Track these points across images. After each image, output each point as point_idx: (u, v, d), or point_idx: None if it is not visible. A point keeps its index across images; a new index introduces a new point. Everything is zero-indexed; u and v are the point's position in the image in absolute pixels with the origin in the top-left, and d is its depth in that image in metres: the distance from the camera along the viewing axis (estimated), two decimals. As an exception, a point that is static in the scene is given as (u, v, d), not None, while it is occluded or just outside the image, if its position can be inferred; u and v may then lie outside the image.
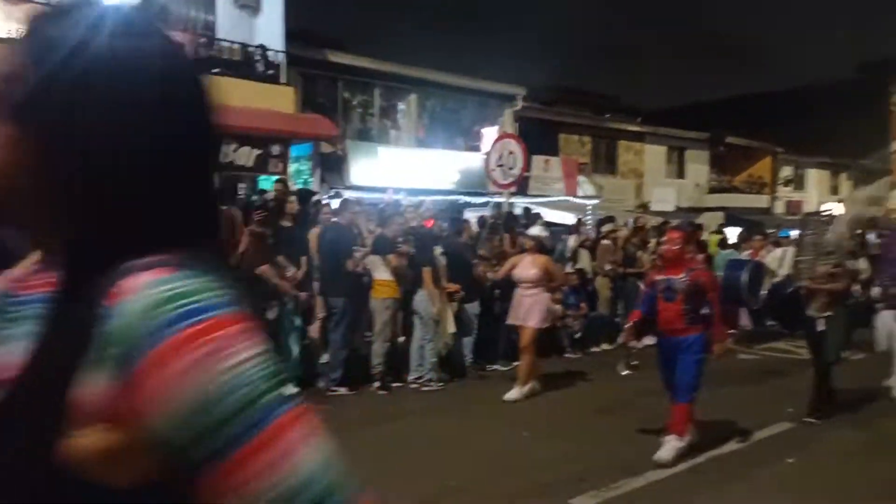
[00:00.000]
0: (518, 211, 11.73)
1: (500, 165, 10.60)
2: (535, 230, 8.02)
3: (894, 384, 6.68)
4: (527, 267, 6.81)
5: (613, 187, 20.66)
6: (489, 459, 4.87)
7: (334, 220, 7.28)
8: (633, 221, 11.88)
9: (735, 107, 32.05)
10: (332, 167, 13.28)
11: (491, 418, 6.04)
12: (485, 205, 13.36)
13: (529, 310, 6.70)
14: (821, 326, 5.94)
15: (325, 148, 13.11)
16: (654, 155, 22.77)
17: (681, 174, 23.59)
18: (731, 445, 5.28)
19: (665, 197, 20.44)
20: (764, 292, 9.52)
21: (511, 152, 10.44)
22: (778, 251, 11.07)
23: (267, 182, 10.32)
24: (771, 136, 26.36)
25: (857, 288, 8.55)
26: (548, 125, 19.22)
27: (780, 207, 26.66)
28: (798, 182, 28.76)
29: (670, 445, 4.82)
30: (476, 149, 15.79)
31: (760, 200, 25.25)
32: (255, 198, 8.61)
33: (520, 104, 17.56)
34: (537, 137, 17.27)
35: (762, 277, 9.66)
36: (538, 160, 16.62)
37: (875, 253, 10.03)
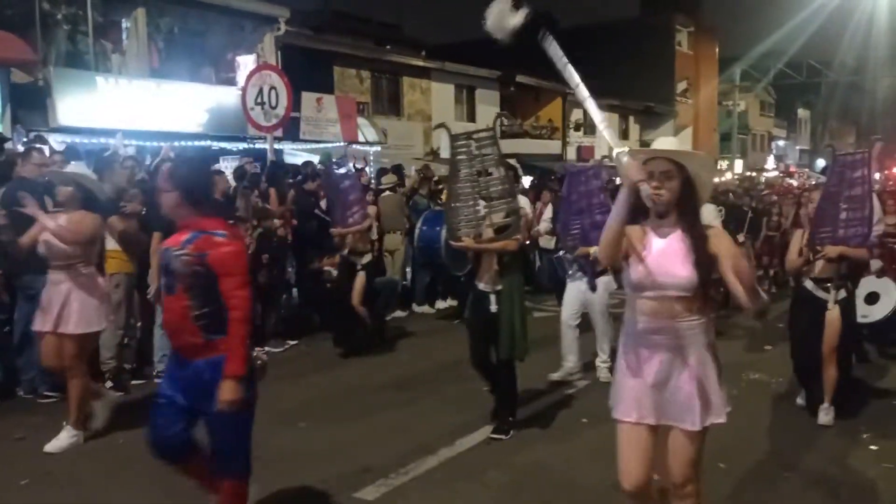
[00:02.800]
0: (292, 160, 11.32)
1: (261, 104, 10.09)
2: None
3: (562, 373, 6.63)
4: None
5: (400, 131, 20.93)
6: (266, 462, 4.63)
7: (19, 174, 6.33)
8: (415, 171, 11.97)
9: (524, 44, 34.06)
10: (29, 103, 11.72)
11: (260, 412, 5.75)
12: (244, 152, 12.72)
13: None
14: (493, 306, 5.03)
15: (19, 77, 11.50)
16: (442, 94, 23.42)
17: (472, 117, 24.50)
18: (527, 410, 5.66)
19: (447, 142, 21.09)
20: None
21: (273, 87, 9.99)
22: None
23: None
24: (560, 77, 28.46)
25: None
26: (319, 56, 18.77)
27: (571, 153, 29.15)
28: (588, 126, 31.62)
29: None
30: (231, 82, 14.93)
31: (553, 146, 27.31)
32: None
33: (283, 28, 16.87)
34: (307, 71, 16.82)
35: None
36: (309, 98, 16.24)
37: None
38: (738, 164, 37.85)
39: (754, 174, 31.68)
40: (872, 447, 4.98)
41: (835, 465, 4.69)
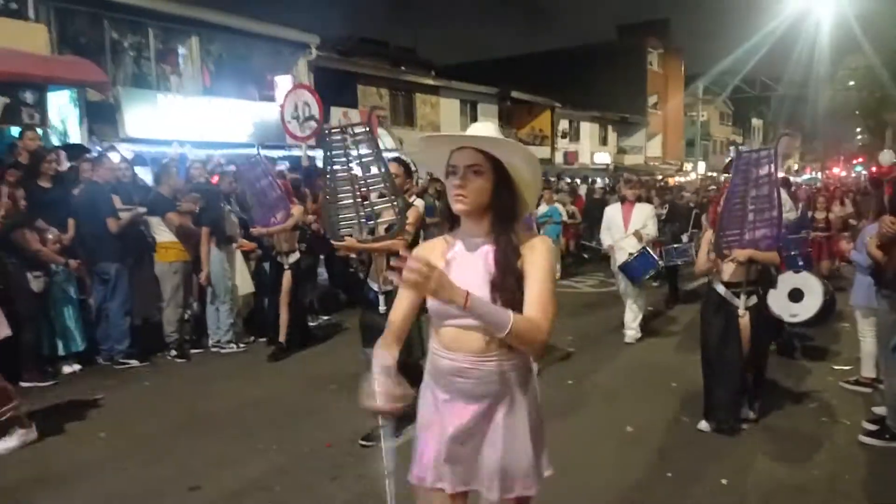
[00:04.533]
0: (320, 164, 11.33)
1: (296, 117, 10.11)
2: None
3: None
4: None
5: (414, 140, 20.90)
6: (300, 418, 4.70)
7: (92, 177, 6.38)
8: (427, 175, 11.96)
9: (519, 64, 33.86)
10: (102, 117, 11.72)
11: (297, 377, 5.83)
12: (283, 159, 12.73)
13: None
14: (382, 307, 4.09)
15: (93, 95, 11.51)
16: (449, 108, 23.41)
17: (474, 127, 24.56)
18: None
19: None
20: None
21: (306, 103, 9.99)
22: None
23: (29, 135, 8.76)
24: (550, 92, 28.35)
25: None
26: (345, 76, 18.74)
27: (559, 158, 29.09)
28: (573, 134, 31.47)
29: None
30: (270, 99, 14.92)
31: (543, 152, 27.23)
32: (4, 153, 7.26)
33: (314, 53, 16.83)
34: (335, 88, 16.80)
35: None
36: (337, 112, 16.21)
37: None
38: (702, 167, 37.60)
39: (715, 174, 31.47)
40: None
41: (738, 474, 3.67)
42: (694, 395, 4.75)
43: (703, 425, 4.37)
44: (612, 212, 7.04)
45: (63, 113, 11.07)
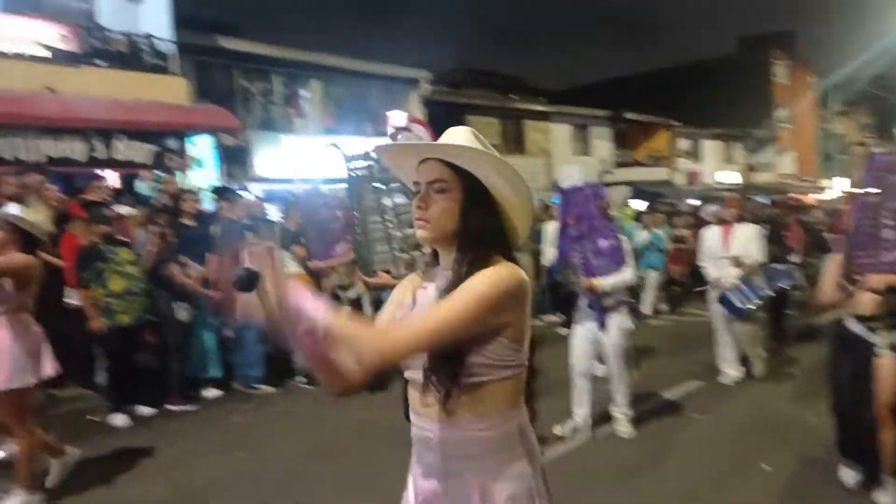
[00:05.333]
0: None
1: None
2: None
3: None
4: None
5: (524, 167, 20.97)
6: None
7: (228, 215, 6.96)
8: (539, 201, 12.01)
9: (633, 84, 33.25)
10: (235, 159, 12.78)
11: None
12: (401, 190, 13.22)
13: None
14: None
15: (228, 140, 12.59)
16: (561, 134, 23.34)
17: (587, 151, 24.33)
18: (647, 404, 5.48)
19: (571, 174, 20.90)
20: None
21: (419, 137, 10.37)
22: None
23: (174, 179, 9.76)
24: (667, 111, 27.56)
25: None
26: (455, 108, 19.27)
27: (681, 178, 28.04)
28: (695, 153, 30.29)
29: None
30: (384, 133, 15.59)
31: (661, 173, 26.42)
32: (155, 196, 8.15)
33: (425, 88, 17.48)
34: (446, 120, 17.20)
35: None
36: (448, 143, 16.68)
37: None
38: (842, 183, 34.83)
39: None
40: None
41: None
42: (827, 436, 4.22)
43: (844, 475, 3.86)
44: (709, 235, 6.18)
45: (202, 157, 12.19)
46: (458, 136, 1.52)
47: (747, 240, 5.87)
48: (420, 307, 1.54)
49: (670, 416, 5.32)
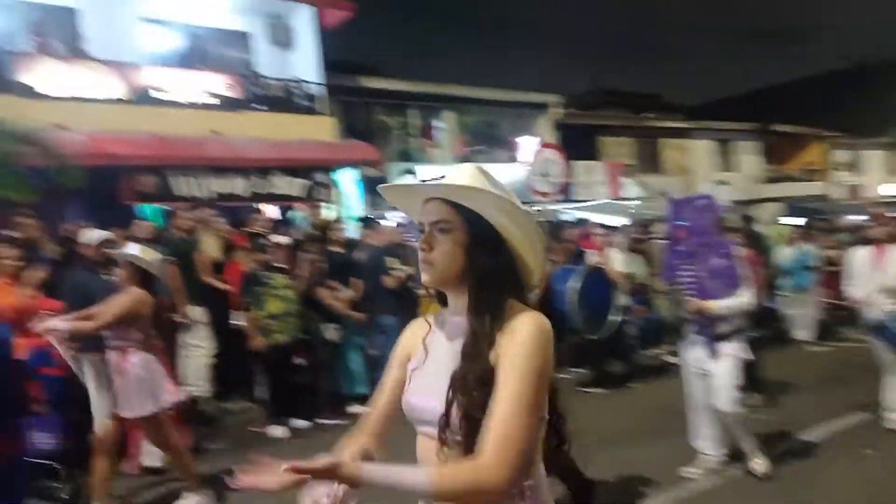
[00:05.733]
0: (565, 217, 11.70)
1: (541, 175, 10.62)
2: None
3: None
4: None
5: (660, 186, 20.39)
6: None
7: (371, 242, 7.42)
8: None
9: (782, 93, 31.18)
10: (376, 190, 13.50)
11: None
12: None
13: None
14: None
15: (370, 172, 13.40)
16: (702, 150, 22.38)
17: (732, 167, 23.10)
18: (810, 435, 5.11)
19: (716, 192, 20.02)
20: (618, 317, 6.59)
21: (552, 161, 10.46)
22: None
23: (323, 210, 10.59)
24: (822, 121, 25.54)
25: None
26: (587, 130, 19.15)
27: (839, 193, 25.76)
28: (856, 165, 27.74)
29: None
30: (517, 159, 15.85)
31: (816, 188, 24.47)
32: (305, 226, 8.89)
33: (556, 111, 17.56)
34: (578, 143, 17.25)
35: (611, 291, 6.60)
36: (580, 165, 16.60)
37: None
38: None
39: None
40: None
41: None
42: None
43: None
44: (857, 257, 5.46)
45: (347, 189, 13.06)
46: (461, 173, 1.46)
47: None
48: (434, 361, 1.46)
49: (817, 455, 4.83)
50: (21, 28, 10.58)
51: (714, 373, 4.21)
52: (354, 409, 6.76)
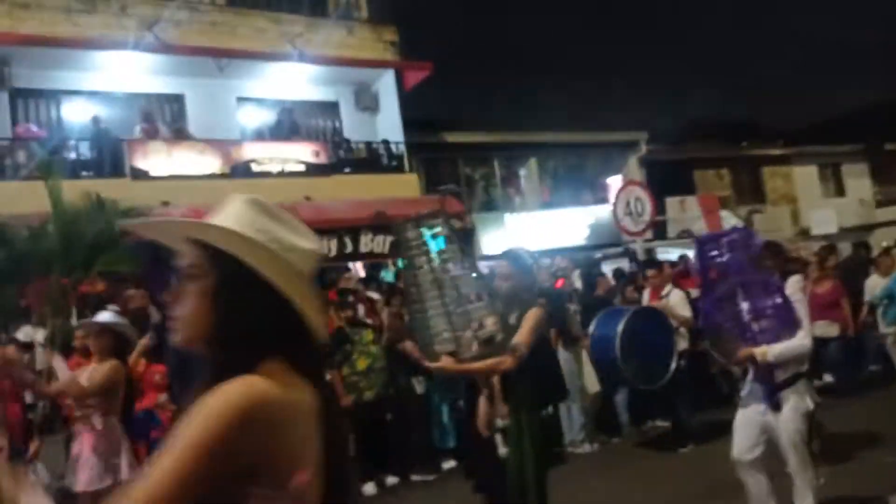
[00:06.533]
0: (665, 256, 11.27)
1: (629, 213, 10.37)
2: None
3: None
4: None
5: (765, 216, 19.34)
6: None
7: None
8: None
9: (891, 110, 29.08)
10: (462, 241, 13.64)
11: (649, 476, 5.69)
12: (622, 254, 13.02)
13: None
14: (500, 448, 3.19)
15: (455, 224, 13.55)
16: (805, 176, 21.13)
17: (840, 192, 21.62)
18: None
19: (825, 218, 18.76)
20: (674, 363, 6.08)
21: (638, 198, 10.22)
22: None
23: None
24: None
25: None
26: (679, 164, 18.57)
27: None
28: None
29: None
30: (604, 200, 15.56)
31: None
32: (394, 281, 9.07)
33: (644, 148, 17.19)
34: (669, 178, 16.76)
35: (666, 335, 6.11)
36: (673, 201, 16.07)
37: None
38: None
39: None
40: None
41: None
42: None
43: None
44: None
45: (434, 242, 13.26)
46: (229, 208, 1.20)
47: None
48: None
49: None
50: (132, 116, 11.69)
51: (776, 426, 3.63)
52: (447, 463, 6.69)
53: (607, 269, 10.65)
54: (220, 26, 12.17)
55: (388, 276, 10.67)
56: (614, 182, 15.53)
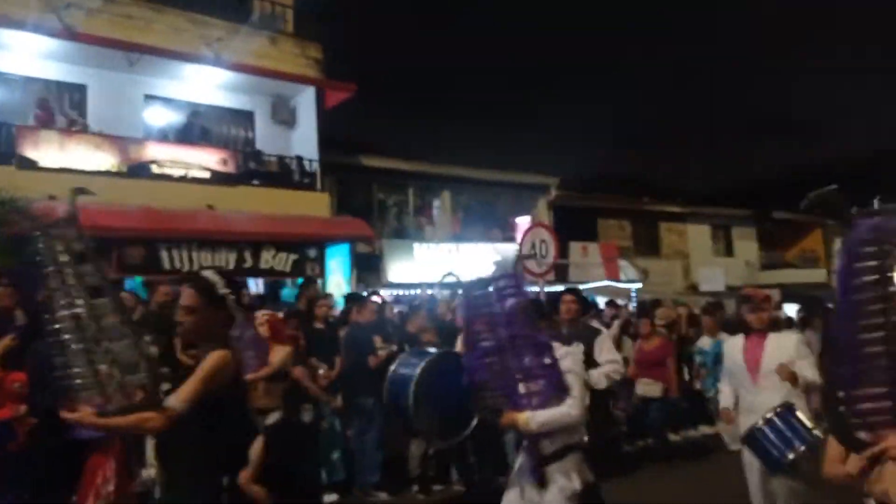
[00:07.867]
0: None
1: (533, 255, 10.60)
2: None
3: None
4: None
5: (659, 270, 20.41)
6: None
7: (357, 319, 7.29)
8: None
9: (782, 182, 31.70)
10: (368, 267, 13.54)
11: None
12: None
13: None
14: None
15: (362, 248, 13.44)
16: (699, 235, 22.56)
17: (729, 252, 23.25)
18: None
19: (713, 276, 20.03)
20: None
21: (543, 241, 10.47)
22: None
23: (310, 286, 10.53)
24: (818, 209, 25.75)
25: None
26: (585, 212, 19.34)
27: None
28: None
29: None
30: (512, 239, 15.91)
31: (817, 275, 24.45)
32: (294, 301, 8.81)
33: (553, 193, 17.79)
34: (575, 224, 17.40)
35: None
36: (576, 247, 16.64)
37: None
38: None
39: None
40: None
41: None
42: None
43: None
44: (731, 348, 4.40)
45: (338, 264, 13.07)
46: None
47: (789, 352, 4.13)
48: None
49: None
50: (26, 102, 10.90)
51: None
52: (329, 497, 6.48)
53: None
54: (135, 20, 11.62)
55: (289, 294, 10.37)
56: (523, 222, 15.92)
